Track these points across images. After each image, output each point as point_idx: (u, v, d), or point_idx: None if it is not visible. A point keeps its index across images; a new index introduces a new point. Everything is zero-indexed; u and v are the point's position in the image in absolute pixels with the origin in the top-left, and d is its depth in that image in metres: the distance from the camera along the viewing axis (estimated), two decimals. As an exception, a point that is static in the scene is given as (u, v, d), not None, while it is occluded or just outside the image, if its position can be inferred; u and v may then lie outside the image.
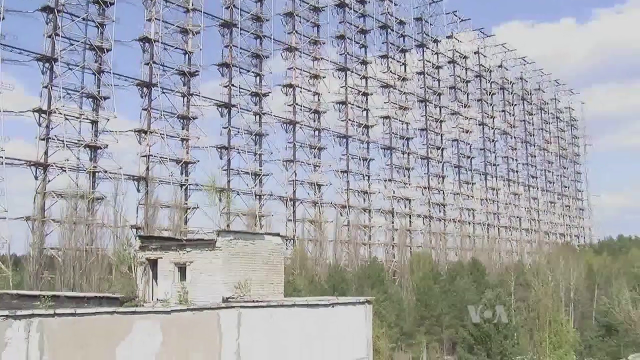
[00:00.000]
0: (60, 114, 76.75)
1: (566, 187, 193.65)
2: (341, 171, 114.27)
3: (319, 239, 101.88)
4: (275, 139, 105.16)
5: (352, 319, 29.14)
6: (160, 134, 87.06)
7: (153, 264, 30.09)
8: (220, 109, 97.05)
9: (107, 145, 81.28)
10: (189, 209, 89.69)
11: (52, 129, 76.55)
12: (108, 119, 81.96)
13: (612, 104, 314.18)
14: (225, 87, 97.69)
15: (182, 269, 28.82)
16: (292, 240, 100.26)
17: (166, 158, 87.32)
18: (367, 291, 65.88)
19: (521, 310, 76.39)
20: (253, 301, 26.07)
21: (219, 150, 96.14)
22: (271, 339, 24.81)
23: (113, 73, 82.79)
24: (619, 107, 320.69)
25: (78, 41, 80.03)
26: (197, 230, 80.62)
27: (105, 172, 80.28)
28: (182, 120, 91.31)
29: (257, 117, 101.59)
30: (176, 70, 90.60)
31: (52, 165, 75.80)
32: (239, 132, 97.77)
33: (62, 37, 77.73)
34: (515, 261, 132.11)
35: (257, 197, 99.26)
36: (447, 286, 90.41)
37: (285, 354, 25.26)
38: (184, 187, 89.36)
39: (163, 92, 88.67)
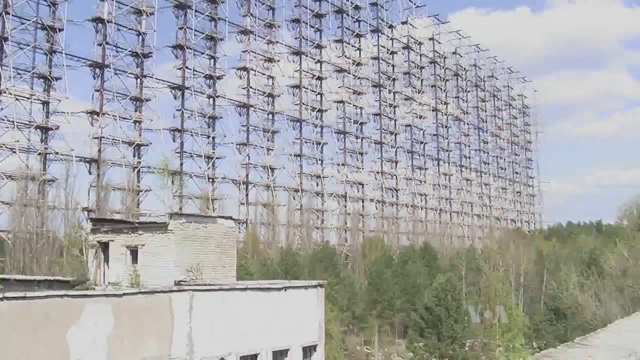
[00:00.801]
0: (11, 94, 75.50)
1: (517, 173, 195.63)
2: (294, 155, 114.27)
3: (271, 223, 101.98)
4: (229, 122, 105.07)
5: (304, 303, 29.32)
6: (113, 115, 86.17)
7: (104, 246, 29.93)
8: (173, 91, 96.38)
9: (58, 127, 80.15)
10: (141, 191, 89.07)
11: (2, 109, 75.45)
12: (59, 100, 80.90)
13: (564, 93, 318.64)
14: (179, 69, 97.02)
15: (133, 252, 28.70)
16: (244, 224, 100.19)
17: (118, 140, 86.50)
18: (319, 275, 65.97)
19: (472, 294, 77.22)
20: (205, 284, 26.10)
21: (172, 132, 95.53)
22: (224, 323, 24.87)
23: (65, 53, 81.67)
24: (571, 96, 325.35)
25: (29, 20, 78.71)
26: (149, 213, 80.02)
27: (57, 153, 79.26)
28: (134, 102, 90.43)
29: (211, 99, 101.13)
30: (129, 51, 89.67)
31: (2, 147, 74.71)
32: (192, 114, 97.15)
33: (12, 15, 76.32)
34: (466, 246, 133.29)
35: (210, 180, 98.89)
36: (399, 270, 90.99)
37: (237, 337, 25.34)
38: (136, 170, 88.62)
39: (116, 74, 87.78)
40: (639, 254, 50.49)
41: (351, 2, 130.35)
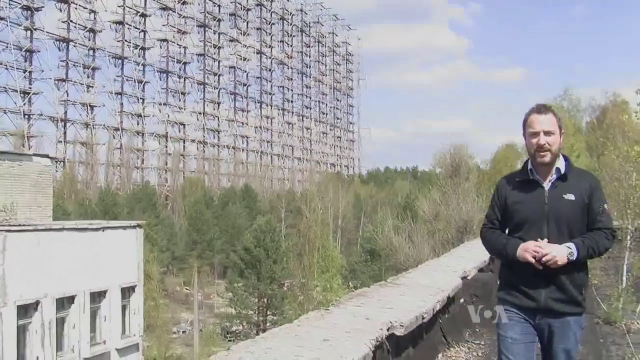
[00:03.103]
0: None
1: (339, 119, 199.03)
2: (115, 93, 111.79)
3: (90, 162, 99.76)
4: (47, 56, 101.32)
5: (122, 244, 29.04)
6: None
7: None
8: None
9: None
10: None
11: None
12: None
13: (388, 43, 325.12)
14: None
15: (-59, 191, 27.44)
16: (62, 163, 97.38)
17: None
18: (138, 215, 65.30)
19: (291, 236, 78.60)
20: (19, 225, 25.33)
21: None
22: (39, 264, 24.27)
23: None
24: (394, 46, 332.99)
25: None
26: (-41, 149, 76.38)
27: None
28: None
29: (28, 32, 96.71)
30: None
31: None
32: (7, 47, 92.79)
33: None
34: (286, 188, 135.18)
35: (26, 116, 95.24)
36: (219, 211, 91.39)
37: (53, 279, 24.82)
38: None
39: None
40: (450, 200, 52.82)
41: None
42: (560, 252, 4.42)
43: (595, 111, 77.75)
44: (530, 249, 4.47)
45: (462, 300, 9.84)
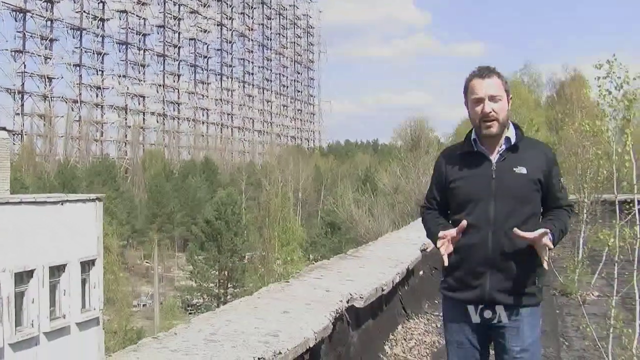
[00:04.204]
0: None
1: (299, 91, 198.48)
2: (74, 65, 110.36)
3: (48, 135, 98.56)
4: (3, 27, 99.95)
5: (82, 217, 28.84)
6: None
7: None
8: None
9: None
10: None
11: None
12: None
13: (349, 16, 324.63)
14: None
15: None
16: (19, 135, 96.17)
17: None
18: (98, 188, 64.68)
19: (252, 208, 78.61)
20: (-24, 198, 25.06)
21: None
22: (-4, 237, 24.03)
23: None
24: (355, 19, 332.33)
25: None
26: None
27: None
28: None
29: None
30: None
31: None
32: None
33: None
34: (247, 161, 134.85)
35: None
36: (179, 184, 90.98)
37: (11, 253, 24.60)
38: None
39: None
40: (410, 173, 53.10)
41: None
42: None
43: (555, 86, 78.63)
44: (445, 239, 3.92)
45: (421, 273, 9.95)
